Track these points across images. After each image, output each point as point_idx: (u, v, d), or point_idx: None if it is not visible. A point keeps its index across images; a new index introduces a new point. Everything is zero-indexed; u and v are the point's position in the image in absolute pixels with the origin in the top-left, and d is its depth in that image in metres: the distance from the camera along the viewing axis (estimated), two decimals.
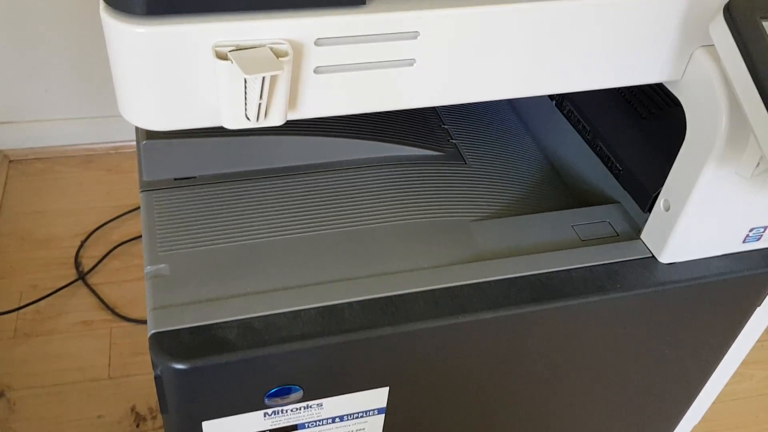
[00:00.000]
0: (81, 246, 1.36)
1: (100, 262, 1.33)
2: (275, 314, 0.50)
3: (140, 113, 0.43)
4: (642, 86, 0.65)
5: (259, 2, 0.40)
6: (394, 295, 0.53)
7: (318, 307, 0.51)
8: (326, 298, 0.52)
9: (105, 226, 1.40)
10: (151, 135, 0.59)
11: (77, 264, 1.33)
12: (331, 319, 0.51)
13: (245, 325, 0.50)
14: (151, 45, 0.39)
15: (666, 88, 0.55)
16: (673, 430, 0.79)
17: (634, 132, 0.63)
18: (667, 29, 0.49)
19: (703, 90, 0.51)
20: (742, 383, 1.22)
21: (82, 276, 1.30)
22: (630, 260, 0.58)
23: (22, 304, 1.24)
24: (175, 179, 0.61)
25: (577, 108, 0.68)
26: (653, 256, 0.59)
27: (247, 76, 0.39)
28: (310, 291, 0.52)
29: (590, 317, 0.57)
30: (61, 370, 1.15)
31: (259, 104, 0.41)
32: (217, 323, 0.49)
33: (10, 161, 1.53)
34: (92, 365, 1.17)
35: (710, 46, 0.50)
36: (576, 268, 0.57)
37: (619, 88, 0.67)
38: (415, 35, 0.44)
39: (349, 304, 0.52)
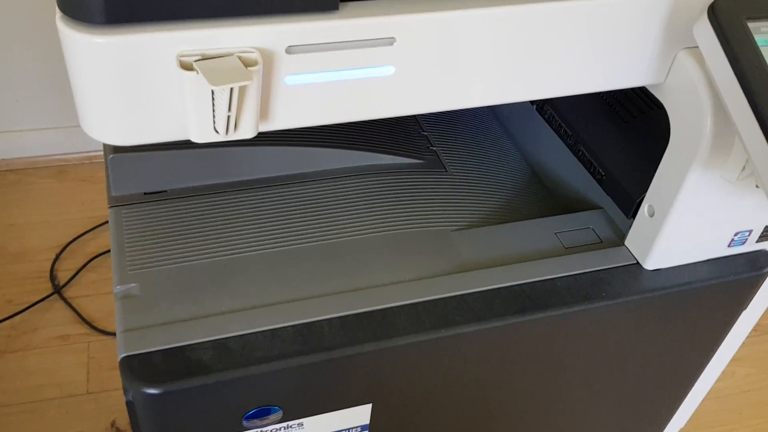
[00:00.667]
0: (56, 259, 1.33)
1: (76, 274, 1.30)
2: (251, 333, 0.49)
3: (103, 128, 0.41)
4: (624, 90, 0.64)
5: (226, 8, 0.38)
6: (375, 310, 0.51)
7: (296, 325, 0.49)
8: (304, 315, 0.50)
9: (80, 238, 1.37)
10: (118, 149, 0.56)
11: (53, 277, 1.30)
12: (309, 336, 0.49)
13: (220, 345, 0.48)
14: (112, 56, 0.37)
15: (648, 91, 0.53)
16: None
17: (617, 136, 0.62)
18: (650, 32, 0.48)
19: (687, 93, 0.50)
20: (725, 381, 1.22)
21: (58, 289, 1.27)
22: (614, 267, 0.57)
23: None
24: (144, 193, 0.58)
25: (558, 112, 0.67)
26: (638, 262, 0.58)
27: (214, 88, 0.37)
28: (288, 308, 0.50)
29: (576, 326, 0.56)
30: (38, 386, 1.12)
31: (228, 116, 0.39)
32: (190, 344, 0.47)
33: None
34: (70, 381, 1.14)
35: (694, 48, 0.49)
36: (560, 277, 0.55)
37: (601, 92, 0.66)
38: (391, 41, 0.42)
39: (329, 320, 0.50)
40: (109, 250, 1.33)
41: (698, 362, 0.67)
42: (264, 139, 0.60)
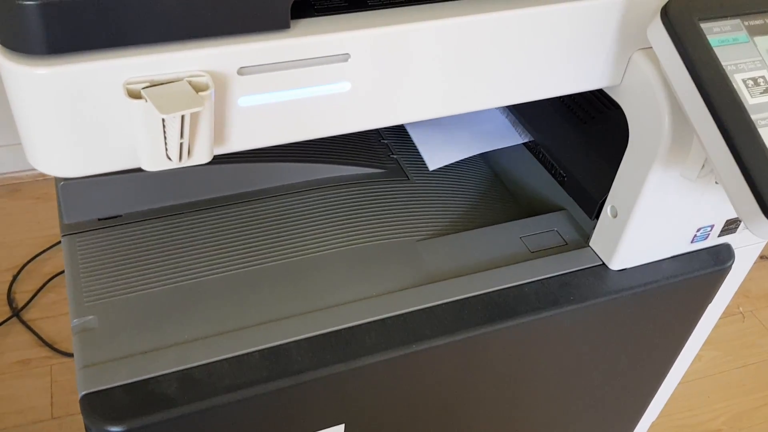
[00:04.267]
0: (13, 281, 1.29)
1: (34, 296, 1.27)
2: (216, 362, 0.47)
3: (50, 161, 0.39)
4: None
5: (172, 31, 0.36)
6: (343, 329, 0.50)
7: (262, 350, 0.48)
8: (271, 339, 0.49)
9: (37, 258, 1.33)
10: None
11: (10, 300, 1.26)
12: (277, 361, 0.48)
13: (185, 376, 0.46)
14: (55, 87, 0.36)
15: (606, 92, 0.53)
16: (634, 428, 0.79)
17: (577, 138, 0.62)
18: (604, 35, 0.48)
19: (644, 94, 0.50)
20: (692, 365, 1.24)
21: (16, 312, 1.23)
22: (581, 270, 0.57)
23: None
24: (98, 219, 0.56)
25: (517, 116, 0.67)
26: (603, 263, 0.58)
27: (164, 116, 0.35)
28: (253, 332, 0.49)
29: (546, 330, 0.56)
30: (1, 414, 1.08)
31: (181, 143, 0.38)
32: (153, 377, 0.46)
33: None
34: (33, 406, 1.11)
35: (648, 49, 0.49)
36: (528, 283, 0.55)
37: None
38: (345, 57, 0.41)
39: (296, 342, 0.49)
40: None
41: (668, 356, 0.68)
42: (221, 156, 0.58)
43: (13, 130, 1.44)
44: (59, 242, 1.35)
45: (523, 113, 0.66)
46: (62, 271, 1.30)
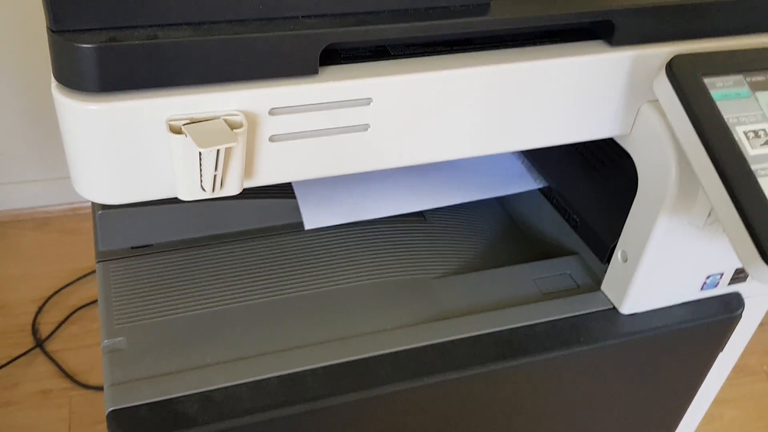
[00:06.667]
0: (38, 312, 1.33)
1: (58, 328, 1.30)
2: (236, 385, 0.49)
3: (94, 188, 0.42)
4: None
5: (211, 75, 0.40)
6: (358, 359, 0.52)
7: (280, 376, 0.50)
8: (288, 366, 0.51)
9: (62, 291, 1.37)
10: (106, 204, 0.58)
11: (34, 331, 1.29)
12: (293, 387, 0.50)
13: (205, 397, 0.48)
14: (105, 121, 0.39)
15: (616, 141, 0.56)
16: None
17: (589, 184, 0.64)
18: (613, 87, 0.50)
19: (652, 144, 0.52)
20: (712, 424, 1.23)
21: (39, 343, 1.26)
22: (591, 312, 0.58)
23: None
24: (132, 248, 0.60)
25: (532, 161, 0.70)
26: (614, 307, 0.59)
27: (201, 150, 0.39)
28: (272, 359, 0.51)
29: (555, 371, 0.57)
30: None
31: (215, 176, 0.41)
32: (176, 397, 0.48)
33: None
34: None
35: (656, 101, 0.52)
36: (539, 323, 0.57)
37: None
38: (368, 102, 0.44)
39: (312, 370, 0.51)
40: (91, 302, 1.33)
41: (679, 404, 0.68)
42: (249, 192, 0.62)
43: (44, 166, 1.49)
44: (84, 275, 1.39)
45: (538, 159, 0.69)
46: (86, 304, 1.33)
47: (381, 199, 0.63)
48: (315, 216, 0.61)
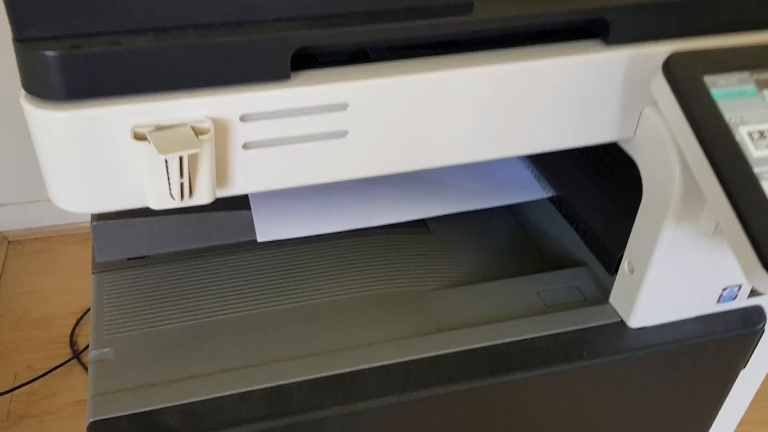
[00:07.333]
0: (76, 324, 1.36)
1: None
2: (219, 397, 0.49)
3: (68, 197, 0.42)
4: (603, 145, 0.64)
5: (177, 81, 0.40)
6: (345, 372, 0.51)
7: (265, 388, 0.49)
8: (274, 379, 0.50)
9: None
10: (102, 216, 0.58)
11: (72, 342, 1.32)
12: (278, 400, 0.49)
13: (188, 410, 0.48)
14: (71, 129, 0.39)
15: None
16: None
17: (597, 191, 0.61)
18: (612, 88, 0.48)
19: (654, 148, 0.49)
20: None
21: (76, 354, 1.29)
22: (597, 326, 0.56)
23: (15, 386, 1.23)
24: (128, 259, 0.60)
25: (540, 168, 0.67)
26: (622, 320, 0.56)
27: (163, 156, 0.38)
28: (258, 371, 0.50)
29: (556, 386, 0.55)
30: None
31: (181, 183, 0.40)
32: (158, 409, 0.48)
33: (9, 242, 1.55)
34: None
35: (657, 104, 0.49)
36: (539, 337, 0.54)
37: (580, 148, 0.66)
38: (344, 106, 0.43)
39: (298, 383, 0.50)
40: None
41: (698, 426, 0.64)
42: (244, 204, 0.61)
43: None
44: None
45: (545, 167, 0.66)
46: None
47: (365, 207, 0.61)
48: (270, 227, 0.59)
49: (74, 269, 1.48)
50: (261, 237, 0.59)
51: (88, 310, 1.37)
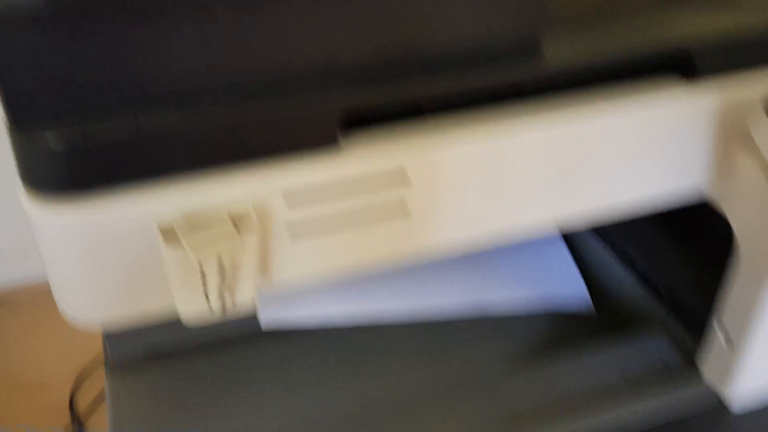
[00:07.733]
0: (76, 386, 1.27)
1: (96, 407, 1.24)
2: None
3: (79, 308, 0.35)
4: None
5: (208, 160, 0.32)
6: None
7: None
8: None
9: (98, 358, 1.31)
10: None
11: (72, 407, 1.23)
12: None
13: None
14: (81, 230, 0.32)
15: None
16: None
17: (673, 244, 0.54)
18: (695, 132, 0.41)
19: (752, 202, 0.42)
20: None
21: (77, 418, 1.20)
22: (694, 416, 0.48)
23: None
24: (145, 354, 0.52)
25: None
26: (721, 403, 0.49)
27: (198, 258, 0.31)
28: None
29: None
30: None
31: (221, 291, 0.33)
32: None
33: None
34: None
35: (752, 147, 0.42)
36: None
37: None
38: (403, 176, 0.36)
39: None
40: None
41: None
42: None
43: None
44: None
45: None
46: None
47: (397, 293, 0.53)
48: (274, 314, 0.51)
49: (70, 327, 1.40)
50: (266, 325, 0.52)
51: (88, 370, 1.29)
